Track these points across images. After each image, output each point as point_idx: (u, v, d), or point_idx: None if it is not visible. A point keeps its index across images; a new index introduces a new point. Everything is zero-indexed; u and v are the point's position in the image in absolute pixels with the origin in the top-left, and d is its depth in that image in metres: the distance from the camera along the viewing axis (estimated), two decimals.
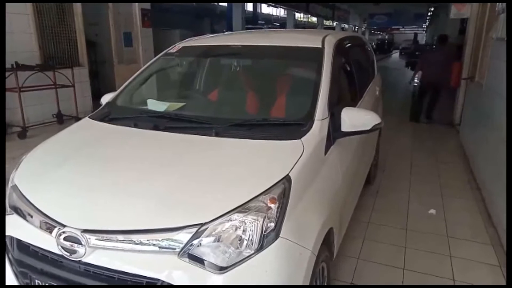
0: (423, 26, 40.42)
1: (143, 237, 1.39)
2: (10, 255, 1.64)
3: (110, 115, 2.27)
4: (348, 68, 2.85)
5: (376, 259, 2.69)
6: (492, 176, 3.38)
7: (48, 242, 1.50)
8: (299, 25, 31.86)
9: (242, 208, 1.43)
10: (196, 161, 1.72)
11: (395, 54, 35.57)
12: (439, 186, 4.00)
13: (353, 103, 2.67)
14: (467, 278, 2.50)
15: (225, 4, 15.16)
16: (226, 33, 3.63)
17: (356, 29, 37.34)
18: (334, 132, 2.01)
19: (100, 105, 2.52)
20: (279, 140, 1.81)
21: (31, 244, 1.57)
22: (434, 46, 18.15)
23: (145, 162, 1.75)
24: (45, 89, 5.96)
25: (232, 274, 1.35)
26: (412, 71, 6.74)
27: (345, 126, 2.01)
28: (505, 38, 3.21)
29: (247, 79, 2.70)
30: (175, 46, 2.84)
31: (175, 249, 1.38)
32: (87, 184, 1.65)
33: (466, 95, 5.97)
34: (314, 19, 31.37)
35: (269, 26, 27.94)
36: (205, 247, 1.38)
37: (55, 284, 1.50)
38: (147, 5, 8.55)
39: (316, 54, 2.34)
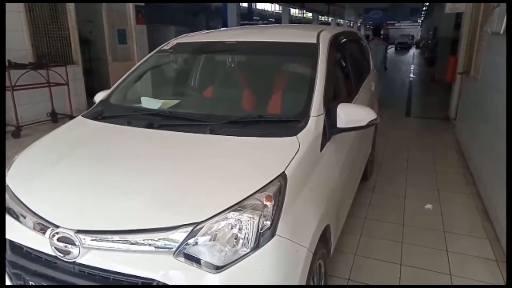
0: (418, 21, 40.44)
1: (138, 237, 1.38)
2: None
3: (104, 114, 2.24)
4: (344, 64, 2.84)
5: (373, 255, 2.69)
6: (488, 170, 3.38)
7: (41, 243, 1.48)
8: (295, 21, 31.77)
9: (237, 207, 1.41)
10: (191, 159, 1.70)
11: (391, 49, 35.59)
12: (435, 181, 4.01)
13: (348, 98, 2.66)
14: (463, 272, 2.50)
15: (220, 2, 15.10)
16: (221, 29, 3.60)
17: (351, 24, 37.30)
18: (330, 128, 1.99)
19: (94, 103, 2.49)
20: (274, 137, 1.80)
21: (24, 246, 1.55)
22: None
23: (139, 161, 1.73)
24: (38, 88, 5.92)
25: (228, 273, 1.34)
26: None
27: (341, 122, 2.00)
28: (501, 32, 3.20)
29: (242, 76, 2.68)
30: (169, 42, 2.82)
31: (170, 248, 1.36)
32: (80, 184, 1.63)
33: (462, 89, 5.98)
34: (310, 14, 31.30)
35: (264, 22, 27.85)
36: (201, 246, 1.36)
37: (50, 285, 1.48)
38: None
39: (311, 50, 2.32)
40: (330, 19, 31.74)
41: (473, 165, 4.07)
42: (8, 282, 1.61)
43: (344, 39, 3.03)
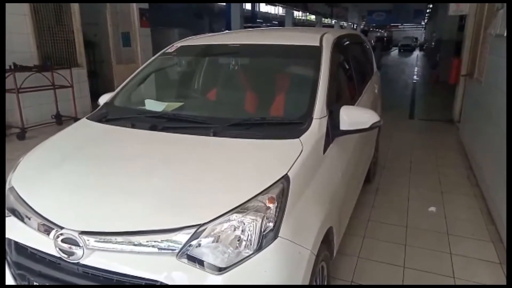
0: (422, 23, 40.39)
1: (142, 239, 1.39)
2: (8, 257, 1.64)
3: (108, 116, 2.26)
4: (347, 66, 2.84)
5: (376, 257, 2.69)
6: (491, 172, 3.37)
7: (46, 244, 1.49)
8: (298, 23, 31.83)
9: (240, 208, 1.42)
10: (194, 162, 1.71)
11: (394, 52, 35.55)
12: (439, 183, 4.00)
13: (352, 101, 2.66)
14: (467, 275, 2.49)
15: (224, 3, 15.19)
16: (224, 32, 3.62)
17: (355, 27, 37.30)
18: (333, 131, 2.00)
19: (98, 105, 2.51)
20: (277, 139, 1.80)
21: (29, 247, 1.56)
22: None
23: (142, 163, 1.75)
24: (43, 90, 5.96)
25: (231, 274, 1.34)
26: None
27: (344, 125, 2.00)
28: (505, 34, 3.20)
29: (245, 78, 2.69)
30: (172, 45, 2.83)
31: (174, 250, 1.37)
32: (85, 186, 1.64)
33: (465, 91, 5.97)
34: (313, 17, 31.37)
35: (268, 24, 27.90)
36: (204, 247, 1.37)
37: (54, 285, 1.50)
38: (145, 5, 8.53)
39: (314, 53, 2.33)
40: (333, 21, 31.78)
41: (477, 167, 4.06)
42: (12, 283, 1.62)
43: (347, 42, 3.04)
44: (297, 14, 32.04)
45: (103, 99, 2.53)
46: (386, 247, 2.83)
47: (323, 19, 29.49)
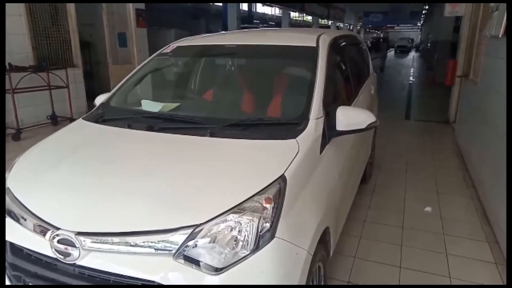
0: (418, 24, 40.57)
1: (138, 239, 1.38)
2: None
3: (104, 116, 2.25)
4: (343, 67, 2.85)
5: (373, 258, 2.69)
6: (487, 173, 3.39)
7: (42, 245, 1.48)
8: (295, 24, 31.90)
9: (237, 209, 1.42)
10: (191, 162, 1.71)
11: (390, 53, 35.69)
12: (435, 184, 4.01)
13: (348, 102, 2.67)
14: (463, 275, 2.50)
15: (220, 4, 15.20)
16: (221, 32, 3.62)
17: (351, 28, 37.42)
18: (329, 131, 2.00)
19: (94, 106, 2.50)
20: (274, 139, 1.80)
21: (24, 248, 1.56)
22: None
23: (139, 164, 1.74)
24: (39, 91, 5.93)
25: (228, 275, 1.34)
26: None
27: (340, 125, 2.01)
28: (500, 36, 3.22)
29: (242, 79, 2.69)
30: (169, 46, 2.83)
31: (170, 250, 1.37)
32: (81, 186, 1.63)
33: (461, 92, 6.00)
34: (309, 18, 31.42)
35: (264, 25, 27.93)
36: (201, 248, 1.37)
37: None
38: (142, 5, 8.50)
39: (310, 53, 2.34)
40: (330, 22, 31.85)
41: (473, 168, 4.08)
42: (8, 284, 1.61)
43: (344, 43, 3.05)
44: (294, 15, 32.10)
45: (99, 100, 2.52)
46: (382, 247, 2.83)
47: (319, 20, 29.55)
